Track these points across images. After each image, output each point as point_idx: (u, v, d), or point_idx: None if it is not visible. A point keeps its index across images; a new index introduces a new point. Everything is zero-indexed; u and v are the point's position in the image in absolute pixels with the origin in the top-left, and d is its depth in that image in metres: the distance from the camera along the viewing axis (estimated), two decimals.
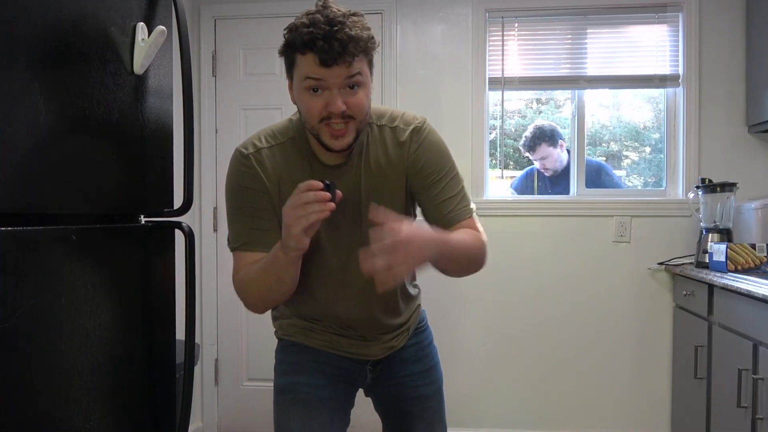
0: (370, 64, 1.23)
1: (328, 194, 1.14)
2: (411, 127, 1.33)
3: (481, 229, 1.36)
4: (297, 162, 1.31)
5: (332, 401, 1.42)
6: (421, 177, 1.32)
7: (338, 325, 1.43)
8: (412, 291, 1.51)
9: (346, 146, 1.23)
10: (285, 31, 1.20)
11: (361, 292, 1.36)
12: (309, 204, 1.14)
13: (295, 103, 1.26)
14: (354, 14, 1.18)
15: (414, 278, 1.54)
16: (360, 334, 1.43)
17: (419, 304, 1.56)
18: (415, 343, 1.52)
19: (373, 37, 1.20)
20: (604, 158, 3.23)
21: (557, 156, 3.09)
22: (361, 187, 1.31)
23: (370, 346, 1.45)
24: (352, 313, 1.40)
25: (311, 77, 1.17)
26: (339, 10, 1.17)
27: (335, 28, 1.13)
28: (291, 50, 1.19)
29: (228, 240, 1.37)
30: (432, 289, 3.14)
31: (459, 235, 1.29)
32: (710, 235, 2.62)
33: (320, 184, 1.15)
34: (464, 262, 1.31)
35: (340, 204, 1.21)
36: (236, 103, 3.08)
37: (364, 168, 1.31)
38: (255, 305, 1.34)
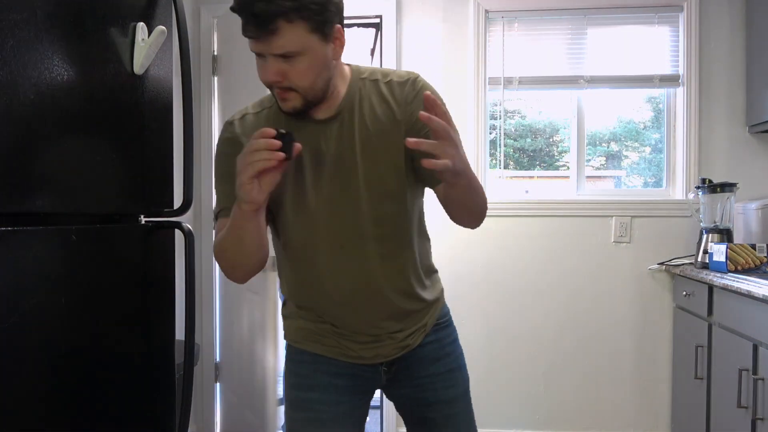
0: (319, 29, 1.12)
1: (278, 143, 1.06)
2: (406, 79, 1.27)
3: None
4: (282, 123, 1.24)
5: (347, 418, 1.35)
6: (417, 128, 1.22)
7: (341, 313, 1.32)
8: (426, 279, 1.37)
9: (293, 110, 1.19)
10: None
11: (360, 258, 1.26)
12: (258, 151, 1.06)
13: None
14: None
15: (428, 267, 1.40)
16: (371, 333, 1.33)
17: (439, 299, 1.42)
18: (434, 340, 1.39)
19: (306, 4, 1.08)
20: (604, 158, 3.23)
21: None
22: (355, 141, 1.24)
23: (382, 346, 1.34)
24: (352, 289, 1.28)
25: (250, 43, 1.12)
26: None
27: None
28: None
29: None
30: None
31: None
32: (710, 235, 2.62)
33: (273, 132, 1.07)
34: (473, 200, 1.23)
35: (334, 159, 1.21)
36: (236, 103, 3.08)
37: (358, 122, 1.24)
38: (228, 272, 1.26)
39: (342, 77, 1.26)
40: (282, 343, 3.26)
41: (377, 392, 1.45)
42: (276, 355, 2.69)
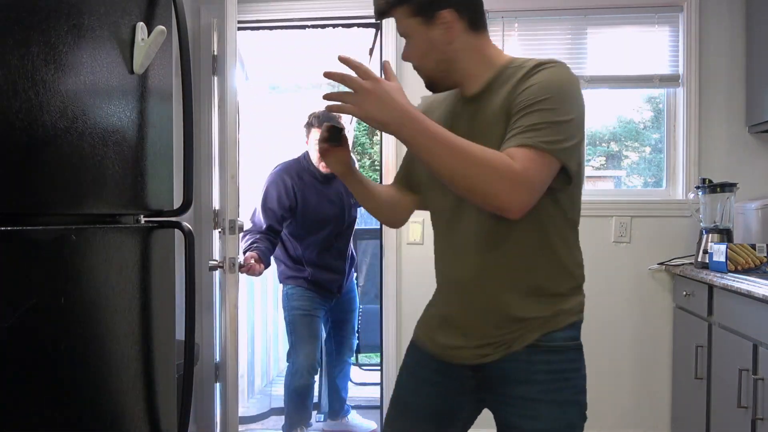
0: (419, 13, 1.25)
1: (325, 134, 1.42)
2: (533, 65, 1.23)
3: (526, 165, 1.11)
4: (448, 98, 1.39)
5: (424, 408, 1.37)
6: (513, 105, 1.20)
7: (439, 296, 1.42)
8: (532, 294, 1.26)
9: (427, 87, 1.36)
10: None
11: (461, 245, 1.30)
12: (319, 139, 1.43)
13: None
14: None
15: (538, 282, 1.26)
16: (454, 324, 1.32)
17: (548, 319, 1.25)
18: (525, 360, 1.25)
19: None
20: (604, 158, 3.23)
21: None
22: (478, 126, 1.26)
23: (460, 348, 1.31)
24: (447, 272, 1.36)
25: None
26: None
27: None
28: None
29: None
30: (431, 288, 3.15)
31: (468, 142, 1.13)
32: (710, 235, 2.62)
33: (327, 126, 1.44)
34: (451, 164, 1.11)
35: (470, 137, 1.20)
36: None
37: (490, 107, 1.26)
38: None
39: (485, 63, 1.30)
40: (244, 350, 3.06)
41: (377, 390, 1.48)
42: (236, 360, 2.55)
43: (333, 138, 1.40)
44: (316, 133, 2.89)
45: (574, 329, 1.29)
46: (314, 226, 2.96)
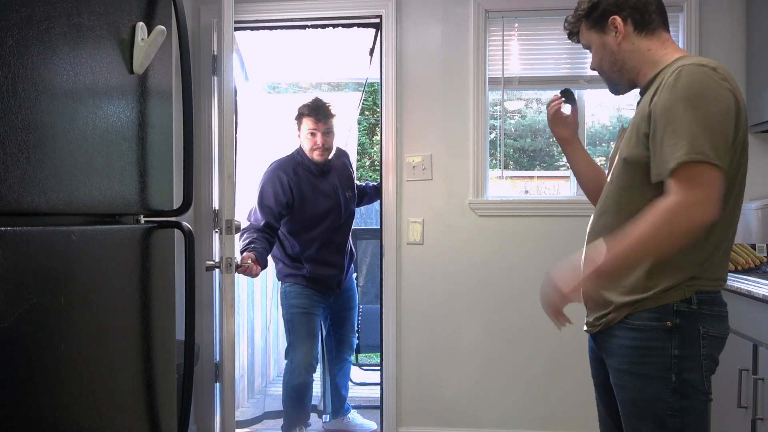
0: (594, 26, 1.53)
1: (559, 96, 1.78)
2: (675, 68, 1.38)
3: (680, 189, 1.28)
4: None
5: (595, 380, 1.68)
6: (650, 122, 1.37)
7: None
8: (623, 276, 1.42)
9: (611, 91, 1.64)
10: None
11: (594, 226, 1.57)
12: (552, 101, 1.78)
13: None
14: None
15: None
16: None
17: (631, 301, 1.42)
18: (618, 336, 1.46)
19: (580, 11, 1.55)
20: (604, 158, 3.23)
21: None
22: (634, 117, 1.49)
23: (587, 316, 1.59)
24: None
25: None
26: None
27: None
28: None
29: None
30: (431, 288, 3.15)
31: (633, 228, 1.30)
32: None
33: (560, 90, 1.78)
34: (655, 247, 1.30)
35: (621, 132, 1.56)
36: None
37: (643, 101, 1.47)
38: None
39: (650, 62, 1.50)
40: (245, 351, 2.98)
41: (377, 390, 1.49)
42: (233, 361, 2.42)
43: (566, 95, 1.74)
44: (307, 123, 2.91)
45: (660, 311, 1.40)
46: (311, 222, 2.96)
